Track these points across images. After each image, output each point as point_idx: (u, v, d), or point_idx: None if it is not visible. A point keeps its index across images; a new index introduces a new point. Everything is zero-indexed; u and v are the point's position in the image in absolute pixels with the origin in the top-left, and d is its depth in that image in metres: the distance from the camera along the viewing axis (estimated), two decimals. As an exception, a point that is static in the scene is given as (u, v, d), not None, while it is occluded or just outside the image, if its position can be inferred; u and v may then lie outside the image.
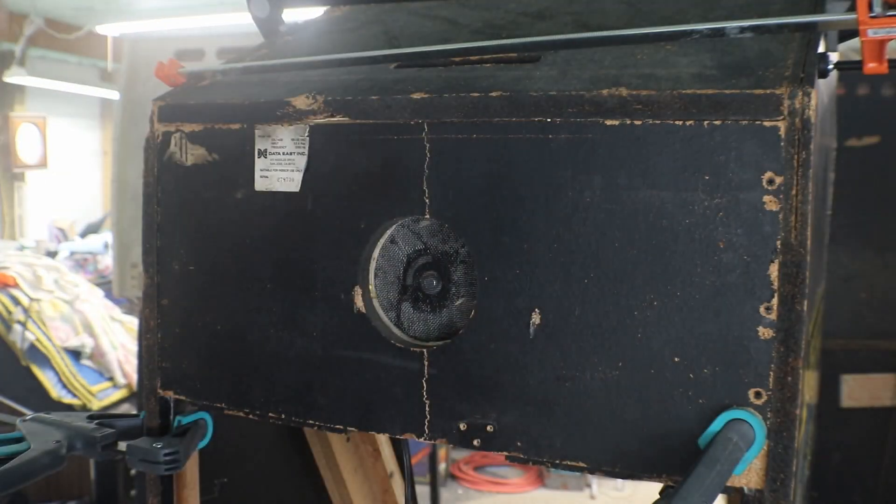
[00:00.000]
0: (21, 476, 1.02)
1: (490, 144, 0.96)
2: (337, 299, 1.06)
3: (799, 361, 0.84)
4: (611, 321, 0.92)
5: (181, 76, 1.20)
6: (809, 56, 0.90)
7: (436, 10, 1.31)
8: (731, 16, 1.08)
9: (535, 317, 0.95)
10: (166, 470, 1.10)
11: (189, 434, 1.15)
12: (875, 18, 0.82)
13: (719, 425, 0.86)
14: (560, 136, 0.93)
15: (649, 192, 0.89)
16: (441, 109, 0.98)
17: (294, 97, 1.06)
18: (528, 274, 0.95)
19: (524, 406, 0.96)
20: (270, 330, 1.10)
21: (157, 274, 1.17)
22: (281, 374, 1.10)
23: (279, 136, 1.08)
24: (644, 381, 0.90)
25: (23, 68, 7.35)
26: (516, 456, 0.98)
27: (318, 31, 1.38)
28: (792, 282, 0.84)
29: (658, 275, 0.89)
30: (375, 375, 1.04)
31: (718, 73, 0.90)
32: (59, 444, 1.08)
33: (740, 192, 0.85)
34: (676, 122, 0.88)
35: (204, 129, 1.13)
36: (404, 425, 1.03)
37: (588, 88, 0.92)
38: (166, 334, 1.17)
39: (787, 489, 0.85)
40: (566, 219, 0.93)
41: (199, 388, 1.16)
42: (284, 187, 1.08)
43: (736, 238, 0.85)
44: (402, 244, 1.08)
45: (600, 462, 0.93)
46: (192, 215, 1.14)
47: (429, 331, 1.07)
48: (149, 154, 1.17)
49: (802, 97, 0.82)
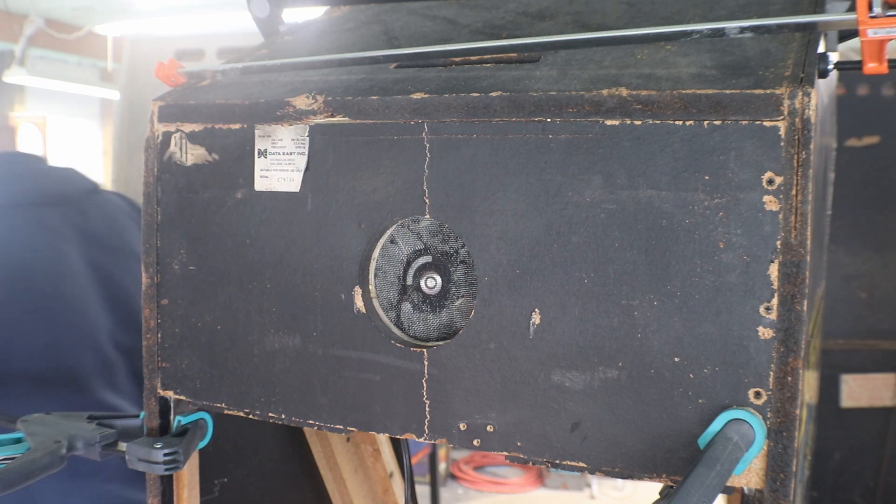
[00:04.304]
0: (21, 476, 1.02)
1: (490, 144, 0.96)
2: (337, 299, 1.06)
3: (799, 361, 0.84)
4: (611, 321, 0.92)
5: (181, 76, 1.20)
6: (809, 56, 0.90)
7: (436, 10, 1.31)
8: (731, 16, 1.08)
9: (535, 317, 0.95)
10: (166, 470, 1.10)
11: (189, 434, 1.15)
12: (875, 18, 0.82)
13: (719, 425, 0.86)
14: (560, 136, 0.93)
15: (649, 192, 0.89)
16: (441, 109, 0.98)
17: (294, 97, 1.07)
18: (528, 274, 0.95)
19: (524, 406, 0.96)
20: (270, 330, 1.10)
21: (157, 274, 1.17)
22: (281, 374, 1.10)
23: (279, 136, 1.08)
24: (644, 381, 0.90)
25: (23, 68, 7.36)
26: (516, 456, 0.98)
27: (317, 31, 1.38)
28: (792, 282, 0.84)
29: (658, 275, 0.89)
30: (375, 375, 1.04)
31: (718, 73, 0.90)
32: (59, 444, 1.08)
33: (740, 192, 0.85)
34: (676, 122, 0.88)
35: (204, 129, 1.13)
36: (404, 425, 1.03)
37: (588, 88, 0.92)
38: (166, 334, 1.18)
39: (787, 489, 0.85)
40: (566, 219, 0.93)
41: (199, 388, 1.16)
42: (284, 187, 1.08)
43: (736, 238, 0.86)
44: (402, 244, 1.08)
45: (600, 462, 0.93)
46: (192, 215, 1.15)
47: (429, 331, 1.07)
48: (149, 154, 1.17)
49: (802, 97, 0.82)
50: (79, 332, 1.85)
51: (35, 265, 1.86)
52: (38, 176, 1.95)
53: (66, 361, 1.81)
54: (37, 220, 1.88)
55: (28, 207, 1.86)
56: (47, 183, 1.96)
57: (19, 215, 1.85)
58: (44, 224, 1.89)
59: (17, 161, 1.98)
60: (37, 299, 1.84)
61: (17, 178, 1.91)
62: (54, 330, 1.82)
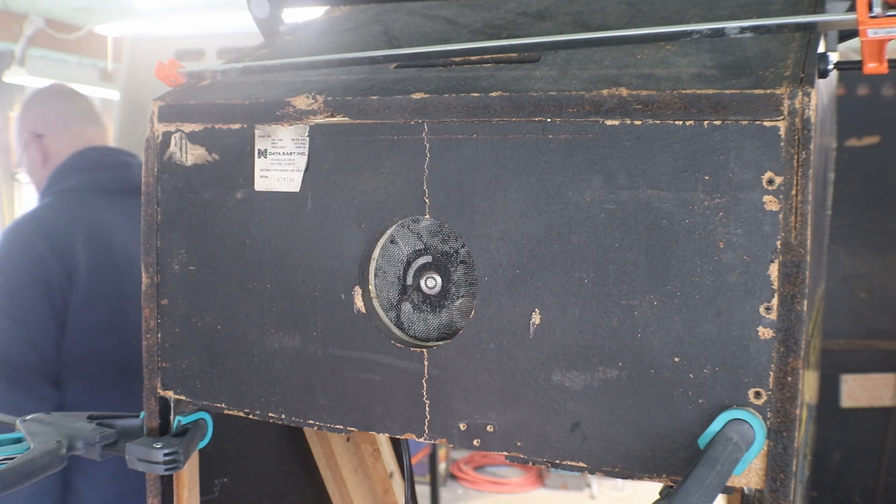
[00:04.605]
0: (21, 476, 1.02)
1: (490, 144, 0.96)
2: (337, 299, 1.06)
3: (799, 361, 0.84)
4: (611, 321, 0.92)
5: (181, 76, 1.20)
6: (809, 56, 0.90)
7: (436, 10, 1.31)
8: (731, 16, 1.08)
9: (535, 317, 0.95)
10: (166, 470, 1.10)
11: (189, 434, 1.15)
12: (875, 18, 0.82)
13: (719, 425, 0.86)
14: (560, 136, 0.93)
15: (649, 192, 0.89)
16: (441, 109, 0.98)
17: (294, 97, 1.07)
18: (528, 274, 0.95)
19: (524, 406, 0.96)
20: (270, 330, 1.10)
21: (157, 274, 1.17)
22: (281, 374, 1.10)
23: (279, 136, 1.08)
24: (644, 381, 0.90)
25: (23, 68, 7.35)
26: (516, 456, 0.98)
27: (317, 31, 1.38)
28: (792, 282, 0.84)
29: (658, 275, 0.89)
30: (375, 375, 1.04)
31: (718, 73, 0.90)
32: (59, 444, 1.08)
33: (740, 192, 0.85)
34: (676, 122, 0.88)
35: (204, 129, 1.13)
36: (404, 425, 1.03)
37: (588, 88, 0.92)
38: (166, 334, 1.18)
39: (787, 489, 0.85)
40: (566, 219, 0.93)
41: (199, 388, 1.16)
42: (284, 187, 1.08)
43: (736, 238, 0.86)
44: (402, 244, 1.08)
45: (600, 462, 0.93)
46: (192, 215, 1.15)
47: (429, 331, 1.07)
48: (149, 154, 1.17)
49: (802, 97, 0.82)
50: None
51: (127, 249, 2.16)
52: (124, 167, 2.28)
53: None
54: (122, 206, 2.20)
55: (117, 195, 2.21)
56: (132, 174, 2.27)
57: (114, 202, 2.20)
58: (126, 210, 2.20)
59: (108, 153, 2.31)
60: (133, 284, 2.10)
61: (105, 167, 2.25)
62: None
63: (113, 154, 2.32)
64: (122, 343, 2.12)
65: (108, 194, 2.21)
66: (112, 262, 2.14)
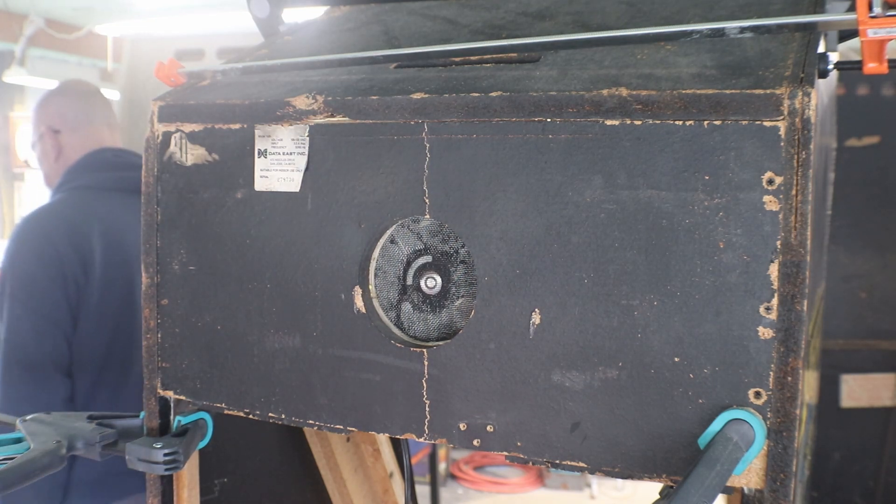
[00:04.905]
0: (21, 476, 1.02)
1: (490, 144, 0.96)
2: (337, 299, 1.06)
3: (799, 361, 0.84)
4: (611, 321, 0.92)
5: (181, 76, 1.20)
6: (809, 56, 0.90)
7: (436, 10, 1.31)
8: (731, 16, 1.08)
9: (535, 317, 0.95)
10: (166, 470, 1.10)
11: (189, 434, 1.15)
12: (875, 18, 0.82)
13: (719, 425, 0.86)
14: (560, 136, 0.93)
15: (649, 192, 0.89)
16: (441, 109, 0.98)
17: (294, 97, 1.07)
18: (528, 274, 0.95)
19: (524, 406, 0.96)
20: (270, 330, 1.10)
21: (157, 274, 1.17)
22: (281, 374, 1.10)
23: (279, 136, 1.08)
24: (644, 381, 0.90)
25: (23, 68, 7.35)
26: (516, 456, 0.98)
27: (317, 31, 1.38)
28: (792, 282, 0.84)
29: (658, 275, 0.89)
30: (375, 375, 1.04)
31: (718, 73, 0.90)
32: (59, 444, 1.08)
33: (740, 192, 0.85)
34: (676, 122, 0.88)
35: (204, 129, 1.13)
36: (404, 425, 1.03)
37: (588, 88, 0.92)
38: (166, 334, 1.18)
39: (787, 489, 0.85)
40: (566, 219, 0.93)
41: (199, 388, 1.16)
42: (284, 187, 1.08)
43: (736, 238, 0.86)
44: (402, 244, 1.08)
45: (600, 462, 0.93)
46: (192, 215, 1.15)
47: (429, 331, 1.07)
48: (149, 154, 1.17)
49: (802, 97, 0.82)
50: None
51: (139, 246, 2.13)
52: (136, 169, 2.27)
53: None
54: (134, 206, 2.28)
55: (129, 194, 2.24)
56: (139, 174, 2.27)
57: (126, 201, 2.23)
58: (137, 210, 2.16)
59: (120, 154, 2.37)
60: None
61: (118, 167, 2.31)
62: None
63: (125, 156, 2.37)
64: (132, 338, 2.16)
65: (121, 193, 2.25)
66: (125, 258, 2.18)
